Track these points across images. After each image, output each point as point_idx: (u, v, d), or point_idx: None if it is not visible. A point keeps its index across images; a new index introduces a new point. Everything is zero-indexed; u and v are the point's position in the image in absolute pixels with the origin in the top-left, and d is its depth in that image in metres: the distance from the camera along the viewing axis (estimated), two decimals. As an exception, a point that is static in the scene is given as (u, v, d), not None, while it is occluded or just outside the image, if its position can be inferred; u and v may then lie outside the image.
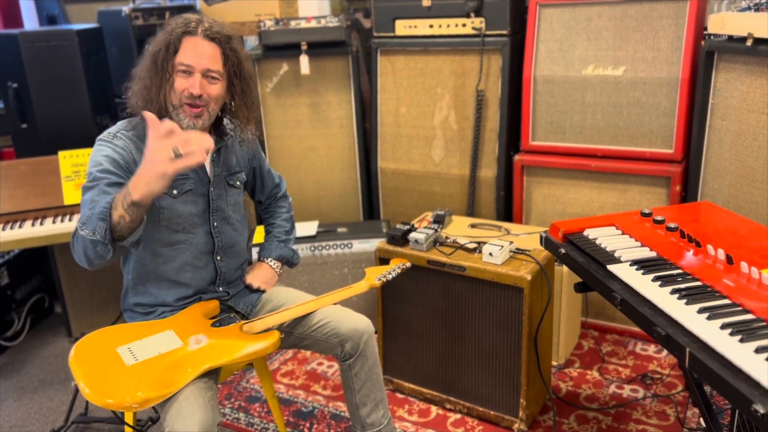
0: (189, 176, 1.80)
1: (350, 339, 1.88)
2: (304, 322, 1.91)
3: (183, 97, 1.71)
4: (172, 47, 1.71)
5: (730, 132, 2.39)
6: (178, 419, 1.53)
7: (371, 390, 1.95)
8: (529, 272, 2.14)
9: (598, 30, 2.68)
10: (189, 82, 1.71)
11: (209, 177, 1.85)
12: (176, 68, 1.71)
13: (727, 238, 1.66)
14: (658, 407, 2.41)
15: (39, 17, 4.49)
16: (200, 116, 1.74)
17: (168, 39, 1.72)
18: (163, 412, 1.59)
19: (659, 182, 2.67)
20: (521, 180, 2.93)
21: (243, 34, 3.82)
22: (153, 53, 1.73)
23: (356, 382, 1.93)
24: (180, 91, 1.71)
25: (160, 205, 1.77)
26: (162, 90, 1.72)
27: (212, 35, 1.75)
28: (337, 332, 1.88)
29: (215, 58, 1.74)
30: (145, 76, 1.74)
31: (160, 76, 1.71)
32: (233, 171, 1.92)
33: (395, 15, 3.07)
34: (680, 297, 1.41)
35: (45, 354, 3.02)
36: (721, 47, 2.37)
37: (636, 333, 2.86)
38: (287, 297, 1.99)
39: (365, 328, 1.90)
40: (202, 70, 1.72)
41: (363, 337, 1.89)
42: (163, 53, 1.71)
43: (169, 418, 1.56)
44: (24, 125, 3.17)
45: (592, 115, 2.75)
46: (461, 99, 3.02)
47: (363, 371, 1.92)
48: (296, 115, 3.24)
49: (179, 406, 1.56)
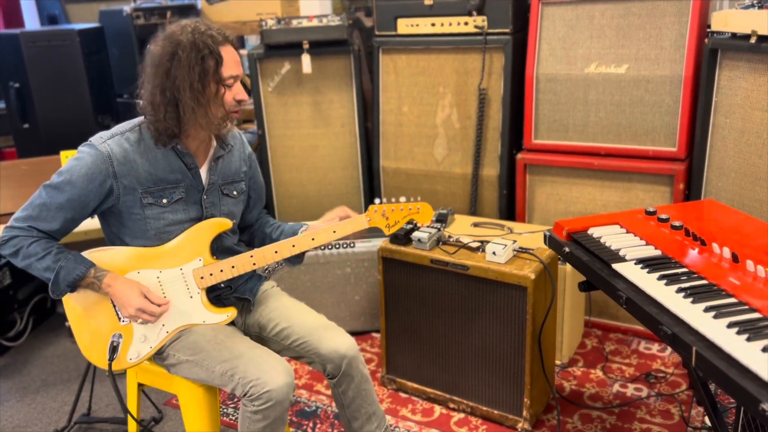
0: (180, 184, 1.78)
1: (331, 361, 1.82)
2: (287, 333, 1.86)
3: (232, 107, 1.73)
4: (215, 58, 1.67)
5: (734, 130, 2.39)
6: (262, 373, 1.64)
7: (361, 405, 1.91)
8: (533, 271, 2.13)
9: (601, 28, 2.68)
10: (234, 90, 1.72)
11: (203, 185, 1.83)
12: (224, 81, 1.70)
13: (732, 237, 1.66)
14: (662, 406, 2.40)
15: (40, 17, 4.49)
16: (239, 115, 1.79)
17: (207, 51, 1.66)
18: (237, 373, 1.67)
19: (662, 180, 2.66)
20: (524, 178, 2.93)
21: (244, 33, 3.83)
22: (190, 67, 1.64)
23: (344, 399, 1.90)
24: (230, 102, 1.72)
25: (146, 215, 1.75)
26: (208, 105, 1.69)
27: (231, 40, 1.76)
28: (317, 353, 1.83)
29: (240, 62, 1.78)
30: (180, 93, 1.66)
31: (205, 92, 1.67)
32: (230, 180, 1.89)
33: (397, 14, 3.06)
34: (686, 296, 1.41)
35: (47, 354, 3.02)
36: (725, 45, 2.36)
37: (639, 332, 2.85)
38: (276, 304, 1.95)
39: (346, 349, 1.82)
40: (240, 76, 1.75)
41: (344, 360, 1.82)
42: (213, 68, 1.67)
43: (250, 374, 1.65)
44: (25, 125, 3.18)
45: (595, 113, 2.74)
46: (463, 97, 3.01)
47: (350, 390, 1.88)
48: (298, 114, 3.23)
49: (258, 363, 1.67)
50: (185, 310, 1.79)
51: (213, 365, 1.72)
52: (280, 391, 1.63)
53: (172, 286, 1.78)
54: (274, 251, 1.81)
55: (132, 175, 1.72)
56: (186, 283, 1.78)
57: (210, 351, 1.74)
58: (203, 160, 1.83)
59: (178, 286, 1.78)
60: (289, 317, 1.89)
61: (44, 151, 2.98)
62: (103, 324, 1.77)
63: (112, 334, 1.76)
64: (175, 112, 1.69)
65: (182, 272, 1.77)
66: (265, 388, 1.63)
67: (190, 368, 1.77)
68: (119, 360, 1.77)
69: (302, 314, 1.91)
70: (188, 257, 1.78)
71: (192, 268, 1.78)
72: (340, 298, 2.93)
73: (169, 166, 1.76)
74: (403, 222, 1.86)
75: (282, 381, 1.65)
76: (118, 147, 1.72)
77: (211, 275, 1.78)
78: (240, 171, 1.93)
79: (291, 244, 1.81)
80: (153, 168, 1.74)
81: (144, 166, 1.73)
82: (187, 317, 1.80)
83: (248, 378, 1.65)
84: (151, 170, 1.74)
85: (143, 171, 1.73)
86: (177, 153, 1.77)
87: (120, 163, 1.70)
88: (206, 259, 1.79)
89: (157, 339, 1.79)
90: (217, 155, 1.86)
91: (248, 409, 1.66)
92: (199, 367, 1.75)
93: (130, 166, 1.72)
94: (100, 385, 2.68)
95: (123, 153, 1.71)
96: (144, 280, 1.75)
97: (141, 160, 1.73)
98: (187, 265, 1.78)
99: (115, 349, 1.74)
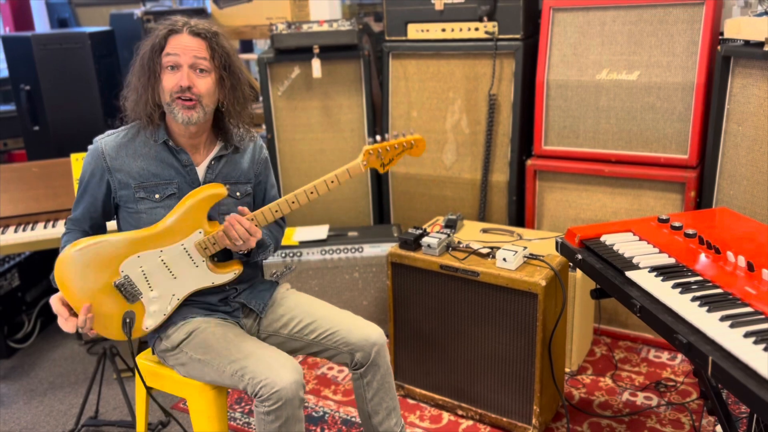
0: (173, 180, 1.82)
1: (361, 349, 1.86)
2: (313, 328, 1.89)
3: (173, 92, 1.73)
4: (158, 46, 1.74)
5: (747, 137, 2.37)
6: (271, 372, 1.65)
7: (383, 398, 1.93)
8: (544, 278, 2.12)
9: (613, 34, 2.67)
10: (177, 76, 1.73)
11: (200, 182, 1.85)
12: (164, 65, 1.74)
13: (746, 245, 1.64)
14: (673, 415, 2.38)
15: (50, 20, 4.50)
16: (193, 109, 1.75)
17: (153, 40, 1.75)
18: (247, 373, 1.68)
19: (673, 188, 2.64)
20: (534, 185, 2.92)
21: (254, 37, 3.83)
22: (141, 56, 1.76)
23: (368, 391, 1.91)
24: (169, 87, 1.73)
25: (138, 209, 1.80)
26: (153, 90, 1.75)
27: (197, 31, 1.76)
28: (347, 341, 1.86)
29: (201, 52, 1.75)
30: (135, 80, 1.77)
31: (148, 76, 1.74)
32: (233, 181, 1.90)
33: (407, 19, 3.06)
34: (701, 304, 1.39)
35: (55, 356, 3.02)
36: (738, 52, 2.35)
37: (649, 340, 2.83)
38: (296, 302, 1.98)
39: (377, 338, 1.88)
40: (189, 63, 1.74)
41: (374, 347, 1.87)
42: (149, 53, 1.74)
43: (260, 374, 1.66)
44: (36, 127, 3.18)
45: (606, 120, 2.73)
46: (473, 103, 3.01)
47: (375, 380, 1.90)
48: (307, 119, 3.23)
49: (267, 363, 1.68)
50: (193, 277, 1.81)
51: (223, 365, 1.73)
52: (288, 389, 1.64)
53: (176, 261, 1.79)
54: (275, 210, 1.80)
55: (125, 170, 1.80)
56: (190, 256, 1.79)
57: (220, 351, 1.75)
58: (202, 158, 1.86)
59: (183, 260, 1.79)
60: (312, 312, 1.92)
61: (54, 154, 2.98)
62: (113, 308, 1.79)
63: (124, 312, 1.79)
64: (135, 95, 1.77)
65: (184, 247, 1.78)
66: (274, 388, 1.63)
67: (201, 368, 1.78)
68: (135, 330, 1.81)
69: (325, 308, 1.96)
70: (188, 231, 1.78)
71: (193, 241, 1.78)
72: (347, 303, 2.92)
73: (163, 162, 1.81)
74: (397, 159, 1.86)
75: (290, 378, 1.65)
76: (112, 143, 1.82)
77: (214, 244, 1.78)
78: (248, 173, 1.94)
79: (291, 200, 1.81)
80: (146, 163, 1.81)
81: (137, 162, 1.80)
82: (196, 283, 1.82)
83: (258, 378, 1.66)
84: (144, 165, 1.80)
85: (136, 166, 1.80)
86: (170, 150, 1.82)
87: (112, 159, 1.80)
88: (206, 229, 1.79)
89: (169, 306, 1.82)
90: (220, 154, 1.87)
91: (260, 411, 1.67)
92: (210, 367, 1.76)
93: (122, 161, 1.80)
94: (108, 388, 2.68)
95: (116, 149, 1.81)
96: (146, 263, 1.77)
97: (134, 155, 1.81)
98: (187, 239, 1.78)
99: (130, 325, 1.77)
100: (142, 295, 1.79)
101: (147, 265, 1.77)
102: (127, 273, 1.76)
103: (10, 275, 3.08)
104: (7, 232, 2.59)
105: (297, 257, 2.88)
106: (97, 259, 1.75)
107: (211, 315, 1.88)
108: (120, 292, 1.78)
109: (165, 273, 1.79)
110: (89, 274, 1.75)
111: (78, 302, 1.75)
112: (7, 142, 3.69)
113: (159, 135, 1.81)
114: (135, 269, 1.77)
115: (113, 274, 1.76)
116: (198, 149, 1.86)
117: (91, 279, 1.75)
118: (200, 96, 1.74)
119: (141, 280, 1.78)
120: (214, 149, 1.87)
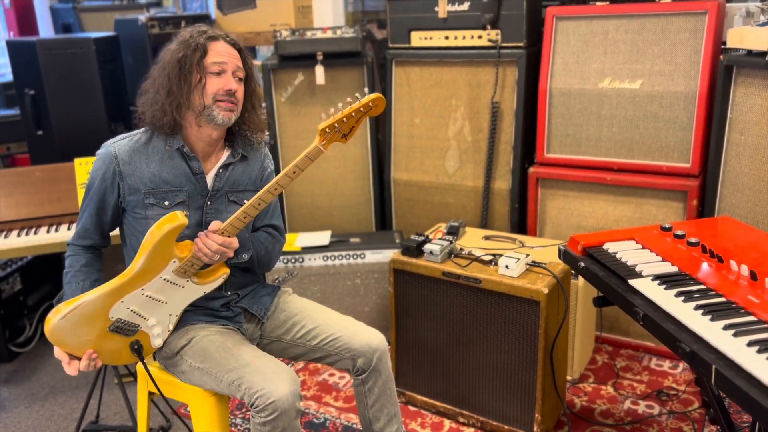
0: (183, 188, 1.81)
1: (363, 355, 1.86)
2: (315, 334, 1.89)
3: (218, 95, 1.75)
4: (201, 51, 1.74)
5: (749, 147, 2.38)
6: (267, 383, 1.65)
7: (384, 405, 1.93)
8: (546, 285, 2.12)
9: (615, 43, 2.68)
10: (222, 80, 1.75)
11: (208, 190, 1.84)
12: (208, 69, 1.74)
13: (749, 254, 1.64)
14: (675, 424, 2.38)
15: (54, 25, 4.52)
16: (233, 111, 1.78)
17: (193, 44, 1.74)
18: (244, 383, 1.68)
19: (676, 196, 2.65)
20: (536, 192, 2.92)
21: (258, 43, 3.84)
22: (178, 59, 1.74)
23: (369, 397, 1.91)
24: (214, 90, 1.74)
25: (147, 215, 1.79)
26: (190, 94, 1.75)
27: (232, 41, 1.82)
28: (349, 347, 1.86)
29: (239, 61, 1.81)
30: (168, 83, 1.74)
31: (188, 80, 1.74)
32: (239, 188, 1.89)
33: (411, 26, 3.08)
34: (704, 313, 1.39)
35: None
36: (740, 62, 2.36)
37: (650, 348, 2.83)
38: (298, 307, 1.98)
39: (378, 343, 1.88)
40: (232, 70, 1.77)
41: (376, 353, 1.87)
42: (190, 57, 1.73)
43: (256, 385, 1.65)
44: (39, 132, 3.19)
45: (608, 128, 2.74)
46: (476, 110, 3.02)
47: (376, 386, 1.90)
48: (310, 125, 3.24)
49: (263, 373, 1.67)
50: (183, 296, 1.81)
51: (221, 374, 1.73)
52: (284, 400, 1.63)
53: (162, 291, 1.77)
54: (243, 217, 1.72)
55: (136, 175, 1.79)
56: (173, 283, 1.77)
57: (218, 360, 1.75)
58: (211, 166, 1.86)
59: (168, 288, 1.77)
60: (315, 318, 1.93)
61: (58, 158, 2.99)
62: (117, 344, 1.80)
63: (129, 343, 1.80)
64: (163, 99, 1.75)
65: (164, 279, 1.76)
66: (270, 399, 1.63)
67: (201, 376, 1.78)
68: (146, 352, 1.83)
69: (328, 313, 1.96)
70: (162, 266, 1.73)
71: (171, 270, 1.74)
72: (349, 309, 2.92)
73: (174, 169, 1.80)
74: (359, 126, 1.72)
75: (287, 389, 1.65)
76: (126, 147, 1.81)
77: (192, 266, 1.75)
78: (255, 182, 1.94)
79: (256, 203, 1.71)
80: (158, 169, 1.80)
81: (149, 167, 1.79)
82: (188, 299, 1.82)
83: (254, 388, 1.66)
84: (156, 171, 1.79)
85: (147, 172, 1.79)
86: (183, 156, 1.81)
87: (125, 163, 1.79)
88: (179, 256, 1.73)
89: (170, 324, 1.83)
90: (228, 162, 1.87)
91: (257, 421, 1.66)
92: (208, 376, 1.76)
93: (134, 166, 1.79)
94: (109, 393, 2.68)
95: (130, 153, 1.80)
96: (132, 303, 1.75)
97: (147, 161, 1.80)
98: (164, 271, 1.74)
99: (139, 351, 1.79)
100: (141, 327, 1.80)
101: (134, 305, 1.75)
102: (117, 317, 1.75)
103: (12, 279, 3.08)
104: (10, 235, 2.59)
105: (299, 263, 2.88)
106: (83, 319, 1.73)
107: (212, 323, 1.88)
108: (118, 333, 1.78)
109: (155, 303, 1.78)
110: (81, 331, 1.74)
111: (81, 353, 1.76)
112: (10, 146, 3.70)
113: (174, 141, 1.80)
114: (124, 311, 1.75)
115: (105, 322, 1.75)
116: (210, 156, 1.86)
117: (85, 333, 1.74)
118: (239, 100, 1.80)
119: (134, 316, 1.77)
120: (223, 157, 1.88)
